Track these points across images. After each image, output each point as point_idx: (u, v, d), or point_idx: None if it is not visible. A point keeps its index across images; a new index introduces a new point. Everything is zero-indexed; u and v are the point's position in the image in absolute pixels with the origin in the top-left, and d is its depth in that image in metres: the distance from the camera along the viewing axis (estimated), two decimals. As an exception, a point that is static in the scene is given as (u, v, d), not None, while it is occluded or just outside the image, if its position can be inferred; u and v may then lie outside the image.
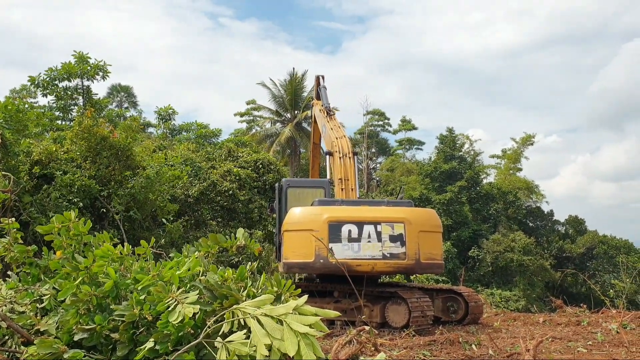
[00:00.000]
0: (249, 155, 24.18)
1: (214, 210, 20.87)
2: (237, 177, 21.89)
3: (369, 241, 8.93)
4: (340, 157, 11.43)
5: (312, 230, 8.90)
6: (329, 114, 13.60)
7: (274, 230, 14.77)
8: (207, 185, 20.78)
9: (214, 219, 20.62)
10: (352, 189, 11.10)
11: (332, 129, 12.71)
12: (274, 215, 12.75)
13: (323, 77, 15.43)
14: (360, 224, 8.99)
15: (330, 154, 11.83)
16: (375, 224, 9.02)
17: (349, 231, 8.93)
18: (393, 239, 9.00)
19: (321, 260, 8.79)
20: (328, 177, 11.87)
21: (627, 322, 9.11)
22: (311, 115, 17.07)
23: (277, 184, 12.17)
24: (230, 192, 21.02)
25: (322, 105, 14.13)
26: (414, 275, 16.06)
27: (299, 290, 3.97)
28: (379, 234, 8.98)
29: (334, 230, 8.92)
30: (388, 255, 8.93)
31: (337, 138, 12.07)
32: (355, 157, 11.66)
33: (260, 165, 23.37)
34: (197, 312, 3.28)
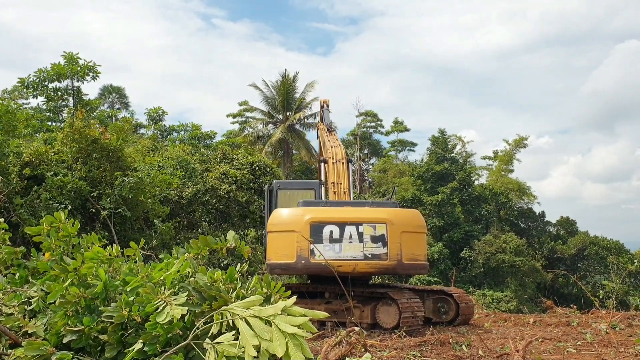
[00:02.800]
0: (244, 157, 24.14)
1: (207, 212, 20.81)
2: (234, 179, 21.87)
3: (351, 242, 8.96)
4: (333, 163, 11.58)
5: (294, 231, 8.94)
6: (329, 130, 14.02)
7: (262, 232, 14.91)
8: (201, 187, 20.71)
9: (207, 220, 20.57)
10: (344, 192, 11.19)
11: (329, 140, 13.02)
12: None
13: (327, 103, 15.91)
14: (342, 225, 9.02)
15: (325, 161, 11.99)
16: (357, 224, 9.05)
17: (331, 232, 8.96)
18: (375, 239, 9.02)
19: (302, 261, 8.82)
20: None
21: (617, 322, 9.18)
22: (317, 136, 17.91)
23: (266, 186, 12.31)
24: (230, 194, 20.98)
25: (324, 124, 14.54)
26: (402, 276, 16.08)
27: (289, 291, 3.97)
28: (360, 235, 9.00)
29: (316, 231, 8.94)
30: (369, 255, 8.95)
31: (332, 147, 12.35)
32: (349, 163, 11.81)
33: (257, 168, 23.35)
34: (186, 314, 3.28)
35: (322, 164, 12.09)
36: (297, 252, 8.83)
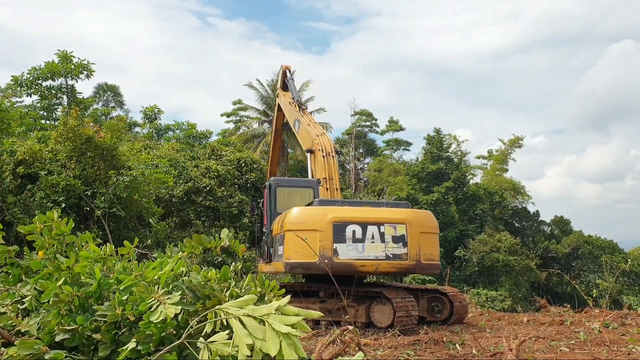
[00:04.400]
0: (232, 154, 24.14)
1: (198, 210, 20.78)
2: (216, 174, 21.83)
3: (373, 242, 8.96)
4: (323, 156, 11.32)
5: (316, 230, 8.82)
6: (301, 108, 13.38)
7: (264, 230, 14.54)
8: (191, 185, 20.68)
9: (200, 219, 20.54)
10: (336, 189, 11.09)
11: (309, 124, 12.54)
12: (256, 217, 12.61)
13: (289, 69, 15.21)
14: (364, 225, 9.00)
15: (311, 151, 11.68)
16: (379, 224, 9.06)
17: (353, 231, 8.92)
18: (395, 239, 9.07)
19: (326, 260, 8.71)
20: (309, 175, 11.77)
21: (610, 321, 9.22)
22: (274, 104, 16.69)
23: (266, 183, 11.89)
24: (208, 188, 20.92)
25: (293, 99, 13.92)
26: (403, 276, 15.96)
27: (283, 290, 3.97)
28: (382, 235, 9.02)
29: (339, 230, 8.87)
30: (391, 255, 9.00)
31: (318, 135, 11.92)
32: (337, 155, 11.57)
33: (243, 164, 23.32)
34: (180, 313, 3.27)
35: (309, 154, 11.78)
36: (320, 251, 8.75)
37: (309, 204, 9.86)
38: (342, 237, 8.87)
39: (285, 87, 15.34)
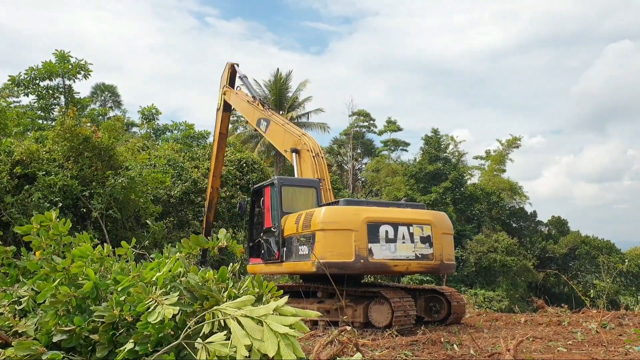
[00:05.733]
0: (233, 154, 24.09)
1: (197, 210, 20.74)
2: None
3: (404, 242, 9.05)
4: (313, 157, 11.23)
5: (351, 230, 8.77)
6: (264, 106, 13.12)
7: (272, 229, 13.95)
8: (189, 185, 20.62)
9: (198, 219, 20.52)
10: (328, 189, 11.05)
11: (285, 124, 12.40)
12: (247, 215, 12.44)
13: (238, 65, 14.94)
14: (395, 225, 9.06)
15: (297, 151, 11.57)
16: (408, 225, 9.15)
17: (386, 232, 8.95)
18: (423, 240, 9.21)
19: (361, 260, 8.69)
20: (296, 174, 11.64)
21: (607, 321, 9.23)
22: (219, 103, 15.38)
23: (274, 180, 11.57)
24: None
25: (253, 98, 13.66)
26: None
27: (281, 291, 3.97)
28: (411, 235, 9.12)
29: (373, 230, 8.88)
30: (420, 255, 9.12)
31: (302, 135, 11.81)
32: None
33: (244, 164, 23.26)
34: (178, 313, 3.27)
35: (294, 154, 11.64)
36: (356, 251, 8.68)
37: (331, 203, 9.74)
38: (376, 237, 8.86)
39: (232, 85, 14.97)
